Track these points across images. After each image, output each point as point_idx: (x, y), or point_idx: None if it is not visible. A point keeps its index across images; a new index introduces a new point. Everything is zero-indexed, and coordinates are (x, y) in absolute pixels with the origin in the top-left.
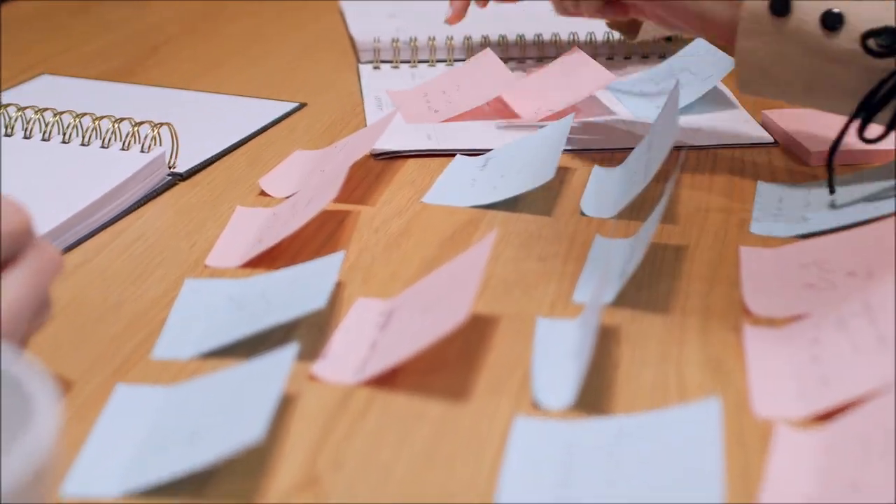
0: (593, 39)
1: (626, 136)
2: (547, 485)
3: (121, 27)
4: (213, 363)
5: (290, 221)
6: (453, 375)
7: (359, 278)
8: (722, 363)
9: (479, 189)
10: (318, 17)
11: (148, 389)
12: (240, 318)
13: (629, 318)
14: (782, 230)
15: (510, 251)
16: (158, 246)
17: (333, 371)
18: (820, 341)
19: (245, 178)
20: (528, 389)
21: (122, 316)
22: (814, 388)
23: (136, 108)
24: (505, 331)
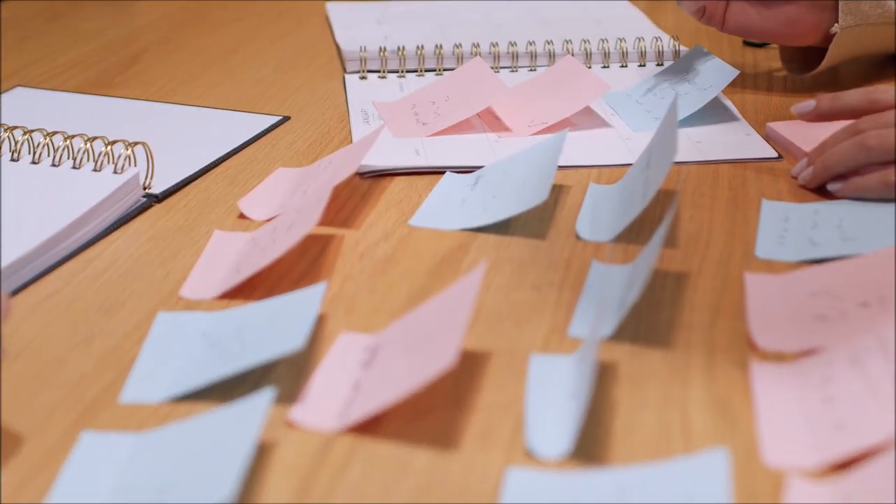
0: (588, 48)
1: (623, 150)
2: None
3: (97, 36)
4: (184, 407)
5: (270, 249)
6: (441, 421)
7: (342, 310)
8: (729, 405)
9: (469, 210)
10: (303, 22)
11: (115, 437)
12: (214, 357)
13: (628, 353)
14: (789, 254)
15: (501, 279)
16: (131, 275)
17: (313, 416)
18: (833, 380)
19: (224, 198)
20: (522, 436)
21: (90, 353)
22: (828, 435)
23: (113, 123)
24: (496, 369)
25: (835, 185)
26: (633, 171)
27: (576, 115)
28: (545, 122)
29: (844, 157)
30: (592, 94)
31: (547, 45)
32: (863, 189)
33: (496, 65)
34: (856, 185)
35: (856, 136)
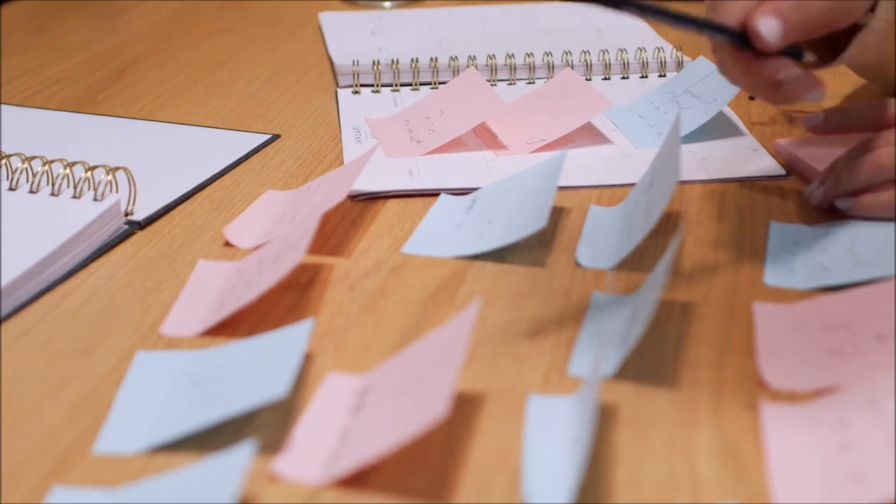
0: (588, 59)
1: (624, 169)
2: None
3: (83, 49)
4: (161, 459)
5: (255, 282)
6: (434, 472)
7: (331, 347)
8: (738, 451)
9: (465, 236)
10: (295, 32)
11: (87, 493)
12: (194, 402)
13: (632, 394)
14: (800, 281)
15: (498, 312)
16: (110, 309)
17: (297, 468)
18: (849, 424)
19: (210, 224)
20: (519, 487)
21: (63, 399)
22: (844, 486)
23: (96, 143)
24: (493, 411)
25: (845, 202)
26: (634, 192)
27: (576, 131)
28: (544, 140)
29: (856, 176)
30: (593, 111)
31: (546, 56)
32: (874, 208)
33: (493, 77)
34: (867, 204)
35: (868, 154)
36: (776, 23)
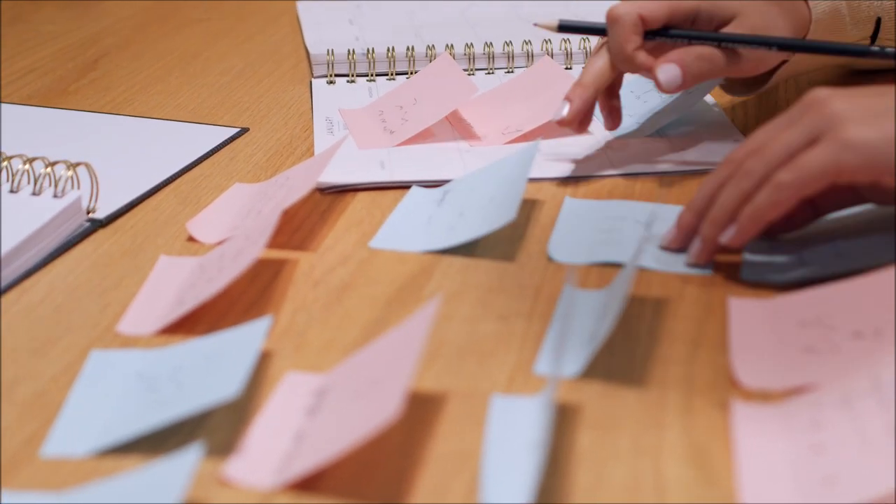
0: (568, 48)
1: (602, 159)
2: None
3: (57, 40)
4: (110, 462)
5: (216, 278)
6: (390, 475)
7: (290, 346)
8: (707, 453)
9: (435, 230)
10: (273, 22)
11: (33, 498)
12: (147, 402)
13: (599, 393)
14: (777, 275)
15: (466, 309)
16: (66, 308)
17: (249, 472)
18: (822, 425)
19: (174, 219)
20: (477, 492)
21: (13, 400)
22: (815, 489)
23: (62, 138)
24: (454, 412)
25: (729, 232)
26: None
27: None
28: (520, 130)
29: (730, 201)
30: None
31: (525, 45)
32: (756, 217)
33: (471, 67)
34: (750, 215)
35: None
36: (677, 72)
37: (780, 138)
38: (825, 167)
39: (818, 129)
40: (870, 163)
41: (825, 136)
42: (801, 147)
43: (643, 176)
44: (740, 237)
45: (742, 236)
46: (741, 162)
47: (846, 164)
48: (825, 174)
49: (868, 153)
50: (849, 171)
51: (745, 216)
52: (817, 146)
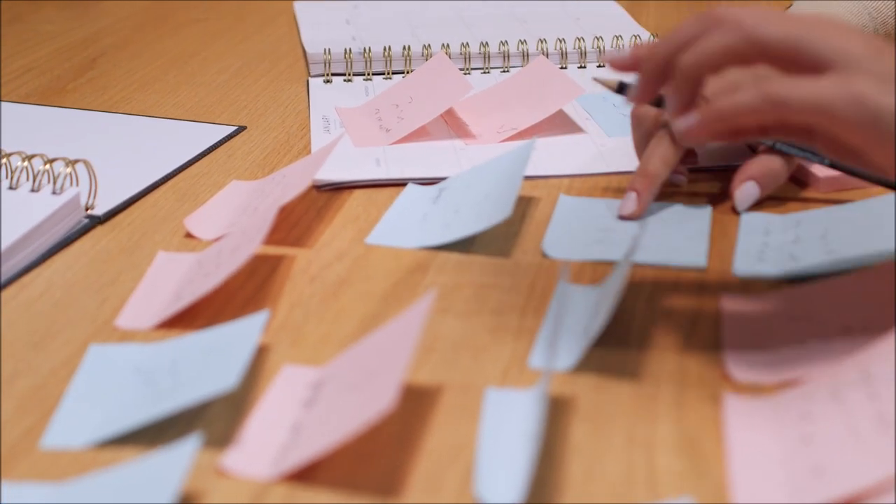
0: (563, 48)
1: (597, 158)
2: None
3: (55, 39)
4: (109, 453)
5: (213, 274)
6: (385, 466)
7: (287, 340)
8: (698, 445)
9: (430, 226)
10: (270, 22)
11: (32, 489)
12: (145, 395)
13: (593, 386)
14: (769, 270)
15: (460, 304)
16: (65, 303)
17: (246, 463)
18: (812, 417)
19: (172, 216)
20: (471, 483)
21: (12, 393)
22: (804, 480)
23: (60, 136)
24: (449, 405)
25: (686, 120)
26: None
27: (548, 119)
28: (514, 128)
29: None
30: (565, 98)
31: (520, 44)
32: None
33: (467, 66)
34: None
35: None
36: (756, 192)
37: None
38: (822, 106)
39: (832, 61)
40: (869, 127)
41: (839, 74)
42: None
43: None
44: (699, 129)
45: (702, 129)
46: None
47: (845, 117)
48: (819, 112)
49: (874, 118)
50: (844, 125)
51: (714, 109)
52: (824, 79)
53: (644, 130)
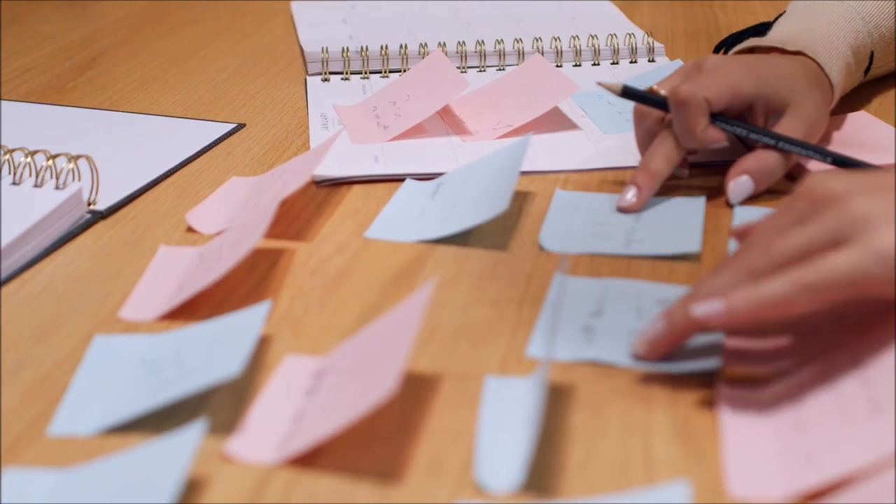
0: (559, 46)
1: (592, 154)
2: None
3: (54, 39)
4: (115, 440)
5: (215, 267)
6: (387, 451)
7: (289, 331)
8: (693, 431)
9: (428, 221)
10: (267, 22)
11: (39, 475)
12: (150, 385)
13: (590, 374)
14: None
15: (459, 296)
16: (69, 296)
17: (250, 449)
18: (804, 404)
19: (173, 211)
20: (472, 467)
21: (19, 384)
22: (798, 465)
23: (61, 134)
24: (449, 393)
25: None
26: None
27: (543, 117)
28: (510, 125)
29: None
30: (560, 95)
31: (516, 43)
32: None
33: (463, 64)
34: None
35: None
36: (750, 186)
37: (794, 235)
38: (854, 276)
39: (840, 232)
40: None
41: (852, 240)
42: (817, 248)
43: (631, 169)
44: (728, 318)
45: (730, 317)
46: (742, 259)
47: (876, 276)
48: (853, 283)
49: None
50: (878, 283)
51: (745, 299)
52: (844, 250)
53: (646, 127)
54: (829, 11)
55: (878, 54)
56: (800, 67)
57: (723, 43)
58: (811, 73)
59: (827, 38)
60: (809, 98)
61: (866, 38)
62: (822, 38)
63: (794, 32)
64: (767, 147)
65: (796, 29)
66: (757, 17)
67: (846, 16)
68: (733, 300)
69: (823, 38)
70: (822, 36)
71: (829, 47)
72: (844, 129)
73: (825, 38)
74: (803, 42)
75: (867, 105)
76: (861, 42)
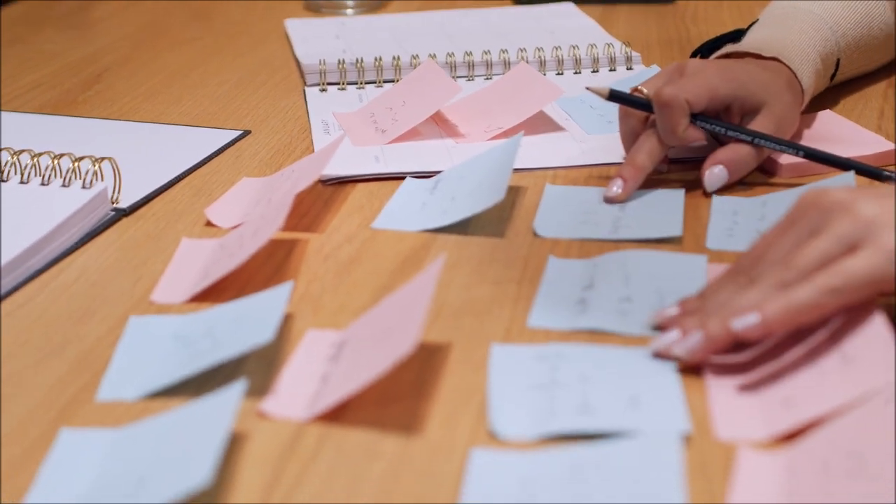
0: (542, 56)
1: (576, 152)
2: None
3: (58, 58)
4: (159, 403)
5: (237, 253)
6: (406, 408)
7: (308, 309)
8: (685, 383)
9: (429, 212)
10: (262, 39)
11: (93, 433)
12: (186, 356)
13: (587, 337)
14: (738, 245)
15: (462, 277)
16: (101, 283)
17: (283, 407)
18: (781, 359)
19: (190, 209)
20: (484, 420)
21: (64, 358)
22: (776, 409)
23: (77, 142)
24: (459, 359)
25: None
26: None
27: (531, 120)
28: (500, 128)
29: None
30: (546, 99)
31: (502, 53)
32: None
33: (453, 74)
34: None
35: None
36: (724, 175)
37: (812, 246)
38: (873, 276)
39: (854, 237)
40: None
41: (865, 243)
42: (836, 255)
43: (614, 166)
44: (765, 328)
45: (767, 328)
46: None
47: (894, 274)
48: (873, 283)
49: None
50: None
51: (778, 308)
52: (859, 254)
53: (631, 126)
54: (801, 20)
55: (844, 61)
56: (773, 72)
57: (700, 49)
58: (784, 78)
59: (799, 45)
60: (781, 100)
61: (833, 46)
62: (795, 46)
63: (768, 39)
64: (739, 141)
65: (770, 36)
66: (725, 27)
67: (816, 25)
68: (767, 312)
69: (796, 46)
70: (794, 43)
71: (800, 54)
72: (813, 126)
73: (797, 45)
74: (777, 49)
75: (833, 105)
76: (829, 50)
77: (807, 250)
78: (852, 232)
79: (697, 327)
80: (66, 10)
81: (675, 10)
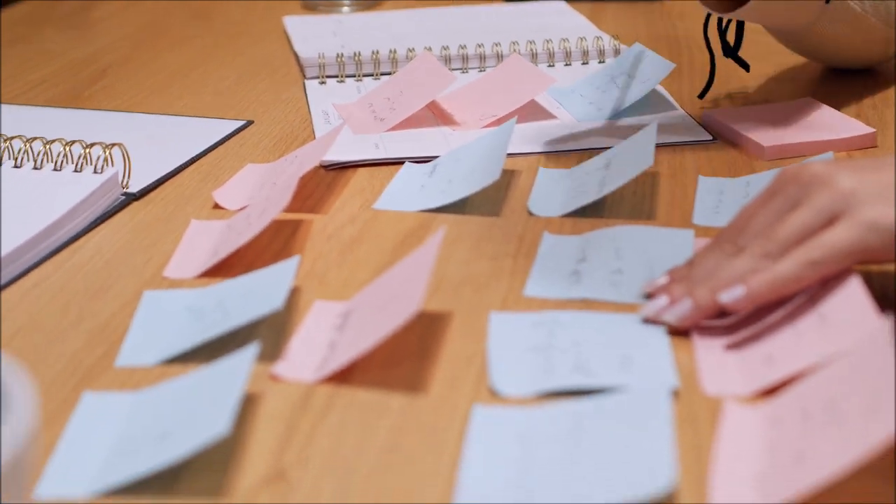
0: (533, 48)
1: (568, 138)
2: (505, 475)
3: (61, 56)
4: (177, 368)
5: (245, 232)
6: (411, 370)
7: (315, 284)
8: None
9: (428, 194)
10: (262, 37)
11: (115, 395)
12: (200, 327)
13: (580, 305)
14: (724, 221)
15: (460, 253)
16: (115, 262)
17: (294, 370)
18: (762, 321)
19: (198, 193)
20: (485, 381)
21: (81, 331)
22: (758, 366)
23: (86, 132)
24: (459, 326)
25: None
26: (588, 166)
27: (523, 108)
28: (494, 115)
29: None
30: (539, 87)
31: (495, 46)
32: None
33: (448, 67)
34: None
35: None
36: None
37: (792, 218)
38: (852, 247)
39: (833, 209)
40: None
41: (844, 215)
42: (816, 227)
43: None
44: (749, 300)
45: (752, 300)
46: (736, 241)
47: (872, 245)
48: (852, 254)
49: (890, 233)
50: (874, 251)
51: (762, 282)
52: (838, 226)
53: None
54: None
55: None
56: None
57: None
58: None
59: None
60: None
61: None
62: None
63: None
64: None
65: None
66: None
67: None
68: (752, 285)
69: None
70: None
71: None
72: (796, 113)
73: None
74: None
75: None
76: None
77: (788, 223)
78: (831, 204)
79: (686, 294)
80: (67, 11)
81: (662, 7)
